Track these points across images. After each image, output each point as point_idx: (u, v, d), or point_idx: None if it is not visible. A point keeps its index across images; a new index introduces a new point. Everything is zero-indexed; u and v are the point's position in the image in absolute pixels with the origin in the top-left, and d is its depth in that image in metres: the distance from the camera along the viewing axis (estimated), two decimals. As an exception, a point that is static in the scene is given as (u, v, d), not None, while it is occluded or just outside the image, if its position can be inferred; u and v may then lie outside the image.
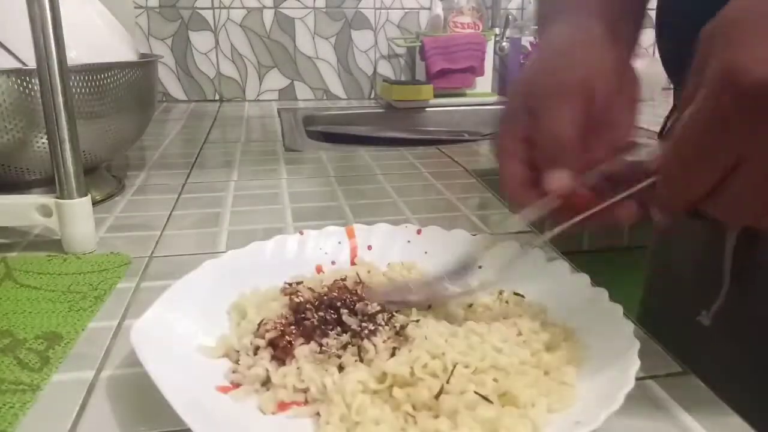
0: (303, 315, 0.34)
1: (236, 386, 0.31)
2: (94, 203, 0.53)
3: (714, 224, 0.41)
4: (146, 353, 0.29)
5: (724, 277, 0.42)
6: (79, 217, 0.48)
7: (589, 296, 0.36)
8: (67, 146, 0.46)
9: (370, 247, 0.44)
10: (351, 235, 0.44)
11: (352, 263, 0.43)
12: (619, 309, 0.33)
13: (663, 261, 0.55)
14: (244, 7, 1.29)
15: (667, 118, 0.50)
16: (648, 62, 1.32)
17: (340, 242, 0.44)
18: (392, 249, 0.44)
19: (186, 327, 0.33)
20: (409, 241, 0.44)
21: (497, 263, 0.38)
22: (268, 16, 1.30)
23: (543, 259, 0.40)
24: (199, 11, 1.28)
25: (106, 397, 0.31)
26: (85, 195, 0.48)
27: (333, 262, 0.43)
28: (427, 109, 1.24)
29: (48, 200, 0.48)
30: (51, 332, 0.36)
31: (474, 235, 0.44)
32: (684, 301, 0.49)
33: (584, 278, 0.37)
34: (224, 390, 0.30)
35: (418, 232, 0.45)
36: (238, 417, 0.29)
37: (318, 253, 0.43)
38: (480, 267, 0.39)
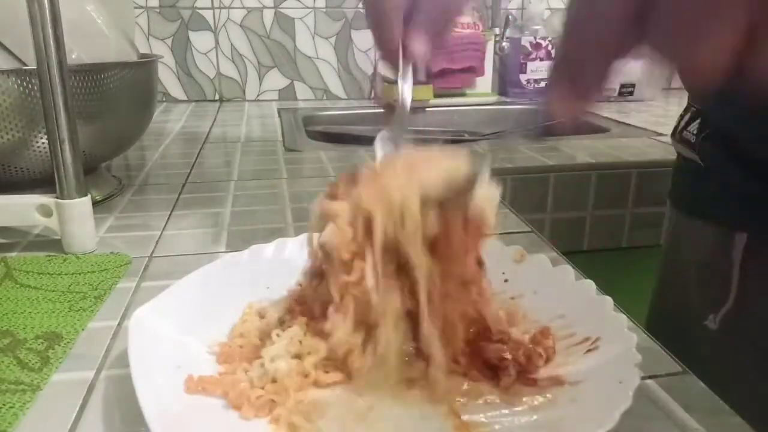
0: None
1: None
2: (94, 203, 0.53)
3: (723, 226, 0.41)
4: (137, 340, 0.30)
5: (732, 280, 0.42)
6: (79, 217, 0.48)
7: (593, 304, 0.34)
8: (67, 146, 0.46)
9: None
10: None
11: None
12: (623, 319, 0.32)
13: (672, 263, 0.55)
14: (244, 7, 1.29)
15: (681, 117, 0.50)
16: (648, 62, 1.32)
17: None
18: None
19: (187, 320, 0.34)
20: None
21: (525, 279, 0.38)
22: (268, 16, 1.30)
23: (548, 264, 0.39)
24: (199, 11, 1.28)
25: (106, 397, 0.31)
26: (85, 195, 0.48)
27: None
28: (427, 109, 1.24)
29: (48, 200, 0.48)
30: (51, 332, 0.36)
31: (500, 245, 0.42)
32: (691, 304, 0.48)
33: (590, 285, 0.36)
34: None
35: None
36: (213, 410, 0.29)
37: None
38: (506, 281, 0.39)
